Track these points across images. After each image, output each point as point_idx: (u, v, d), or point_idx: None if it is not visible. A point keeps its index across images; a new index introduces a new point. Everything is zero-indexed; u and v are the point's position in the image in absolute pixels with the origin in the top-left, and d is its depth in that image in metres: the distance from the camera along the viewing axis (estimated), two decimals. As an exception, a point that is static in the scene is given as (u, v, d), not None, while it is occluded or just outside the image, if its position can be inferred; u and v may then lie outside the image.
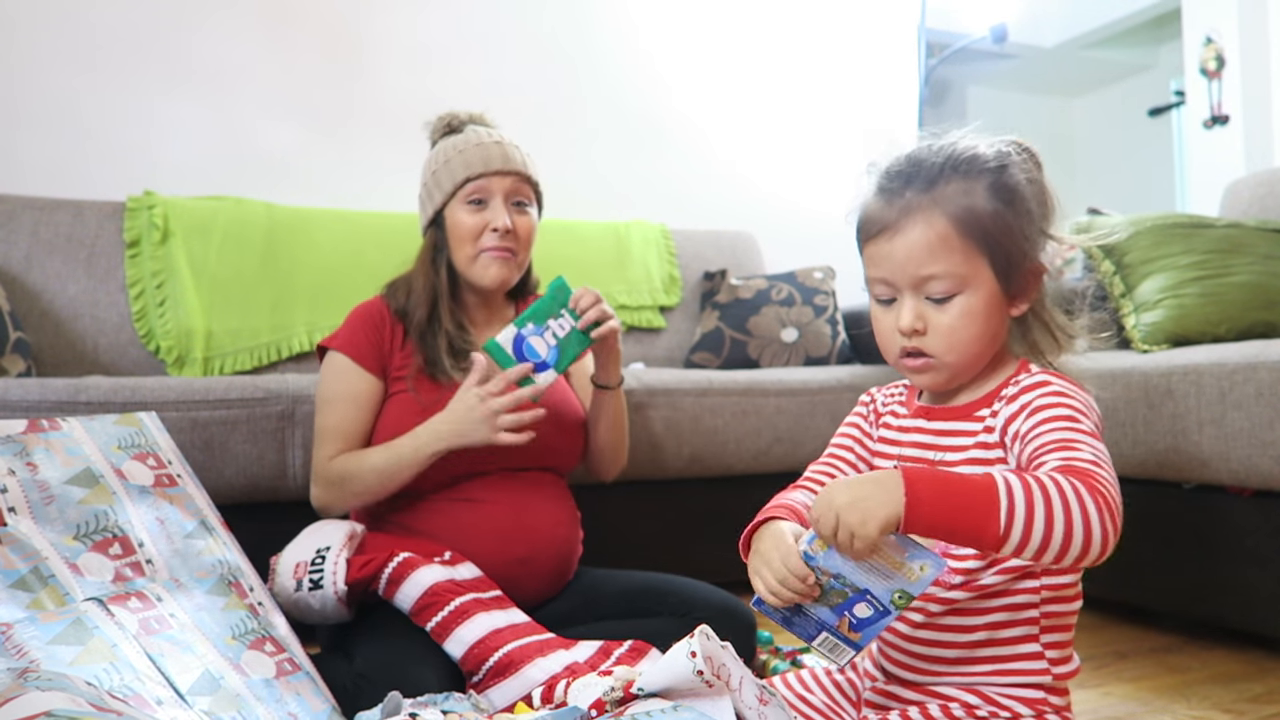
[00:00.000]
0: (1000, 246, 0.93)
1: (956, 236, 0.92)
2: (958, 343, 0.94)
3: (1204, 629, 1.85)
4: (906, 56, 3.65)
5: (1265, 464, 1.57)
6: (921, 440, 1.01)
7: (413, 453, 1.42)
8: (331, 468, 1.47)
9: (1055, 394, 0.91)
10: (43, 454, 1.10)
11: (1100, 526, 0.78)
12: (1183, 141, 5.14)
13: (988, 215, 0.92)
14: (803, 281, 2.64)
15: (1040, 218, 0.96)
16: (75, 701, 0.66)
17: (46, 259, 2.15)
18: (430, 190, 1.57)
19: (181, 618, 1.06)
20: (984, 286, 0.93)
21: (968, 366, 0.97)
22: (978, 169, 0.94)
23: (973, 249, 0.92)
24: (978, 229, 0.92)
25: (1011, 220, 0.93)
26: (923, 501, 0.78)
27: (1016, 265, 0.94)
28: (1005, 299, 0.95)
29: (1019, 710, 0.94)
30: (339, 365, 1.51)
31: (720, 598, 1.48)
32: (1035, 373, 0.96)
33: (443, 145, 1.58)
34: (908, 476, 0.79)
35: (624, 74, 3.14)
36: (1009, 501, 0.78)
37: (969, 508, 0.78)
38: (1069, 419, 0.88)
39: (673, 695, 0.88)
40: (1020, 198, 0.94)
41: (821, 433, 2.19)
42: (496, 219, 1.52)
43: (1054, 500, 0.78)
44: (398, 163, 2.65)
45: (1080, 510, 0.78)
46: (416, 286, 1.55)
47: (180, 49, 2.55)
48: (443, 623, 1.31)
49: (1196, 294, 1.91)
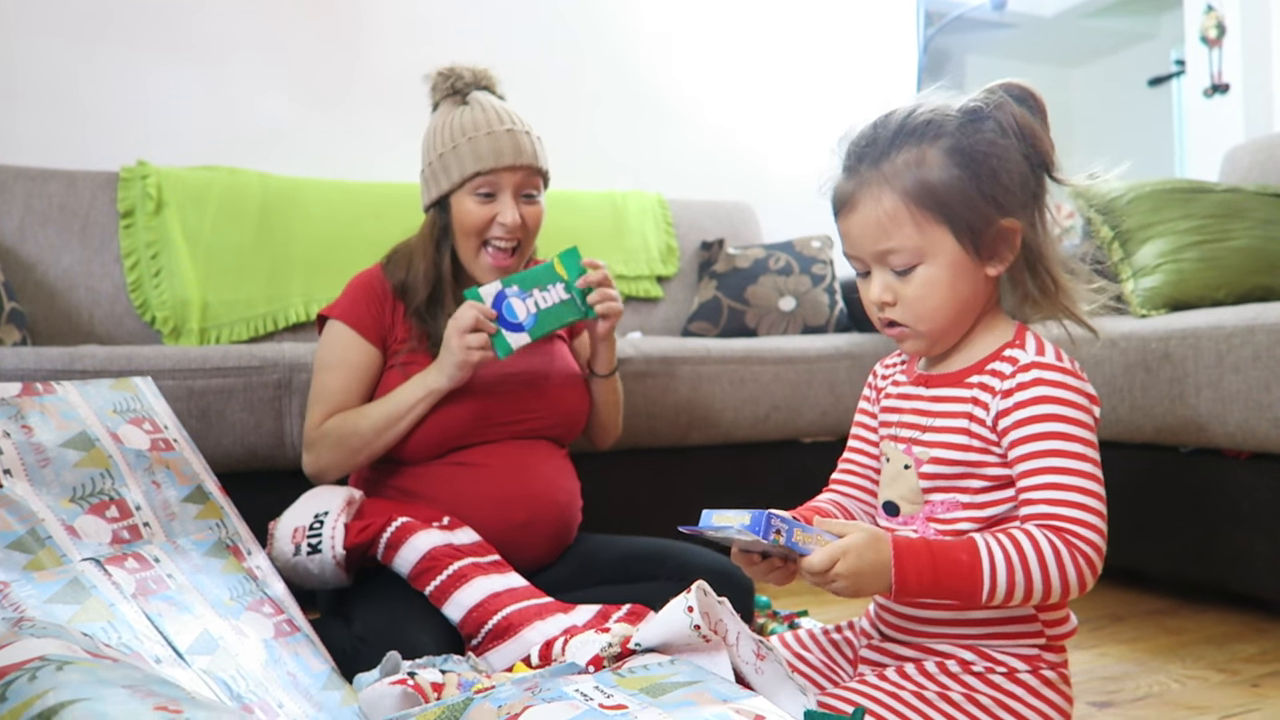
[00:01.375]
0: (957, 213, 0.92)
1: (906, 209, 0.92)
2: (926, 312, 0.95)
3: (1199, 591, 1.86)
4: (905, 25, 3.62)
5: (1262, 427, 1.57)
6: (919, 407, 1.01)
7: (407, 395, 1.43)
8: (325, 428, 1.47)
9: (1046, 398, 0.90)
10: (38, 417, 1.09)
11: (1078, 582, 0.86)
12: (1182, 111, 5.11)
13: (940, 183, 0.91)
14: (800, 251, 2.63)
15: (1013, 172, 0.92)
16: (69, 648, 0.66)
17: (40, 230, 2.14)
18: (436, 173, 1.51)
19: (179, 579, 1.06)
20: (945, 254, 0.93)
21: (945, 331, 0.97)
22: (933, 134, 0.92)
23: (927, 219, 0.92)
24: (930, 199, 0.91)
25: (969, 184, 0.91)
26: (909, 585, 0.87)
27: (979, 228, 0.92)
28: (976, 262, 0.94)
29: (1014, 665, 0.94)
30: (339, 334, 1.50)
31: (718, 561, 1.48)
32: (1029, 353, 0.94)
33: (450, 122, 1.50)
34: (897, 565, 0.86)
35: (621, 43, 3.12)
36: (990, 581, 0.86)
37: (953, 589, 0.88)
38: (1059, 435, 0.89)
39: (670, 650, 0.88)
40: (981, 158, 0.91)
41: (818, 401, 2.19)
42: (505, 214, 1.47)
43: (1033, 570, 0.86)
44: (394, 133, 2.64)
45: (1059, 574, 0.86)
46: (417, 266, 1.52)
47: (174, 18, 2.52)
48: (441, 587, 1.31)
49: (1195, 259, 1.91)
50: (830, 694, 0.95)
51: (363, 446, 1.45)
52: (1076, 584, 0.86)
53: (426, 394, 1.42)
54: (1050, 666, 0.95)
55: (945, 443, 0.97)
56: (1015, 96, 0.95)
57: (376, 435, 1.44)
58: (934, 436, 0.98)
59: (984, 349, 0.97)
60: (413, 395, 1.43)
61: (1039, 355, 0.93)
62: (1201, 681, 1.38)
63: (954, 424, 0.96)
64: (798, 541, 0.87)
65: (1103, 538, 0.87)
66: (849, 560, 0.86)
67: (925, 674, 0.95)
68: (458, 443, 1.47)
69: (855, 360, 2.25)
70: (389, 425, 1.43)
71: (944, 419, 0.97)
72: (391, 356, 1.51)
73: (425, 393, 1.42)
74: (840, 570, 0.86)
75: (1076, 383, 0.92)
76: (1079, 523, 0.87)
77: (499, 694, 0.76)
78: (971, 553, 0.87)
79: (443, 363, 1.42)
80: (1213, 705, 1.28)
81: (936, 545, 0.89)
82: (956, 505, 0.96)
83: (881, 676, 0.96)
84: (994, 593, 0.86)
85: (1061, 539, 0.86)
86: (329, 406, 1.48)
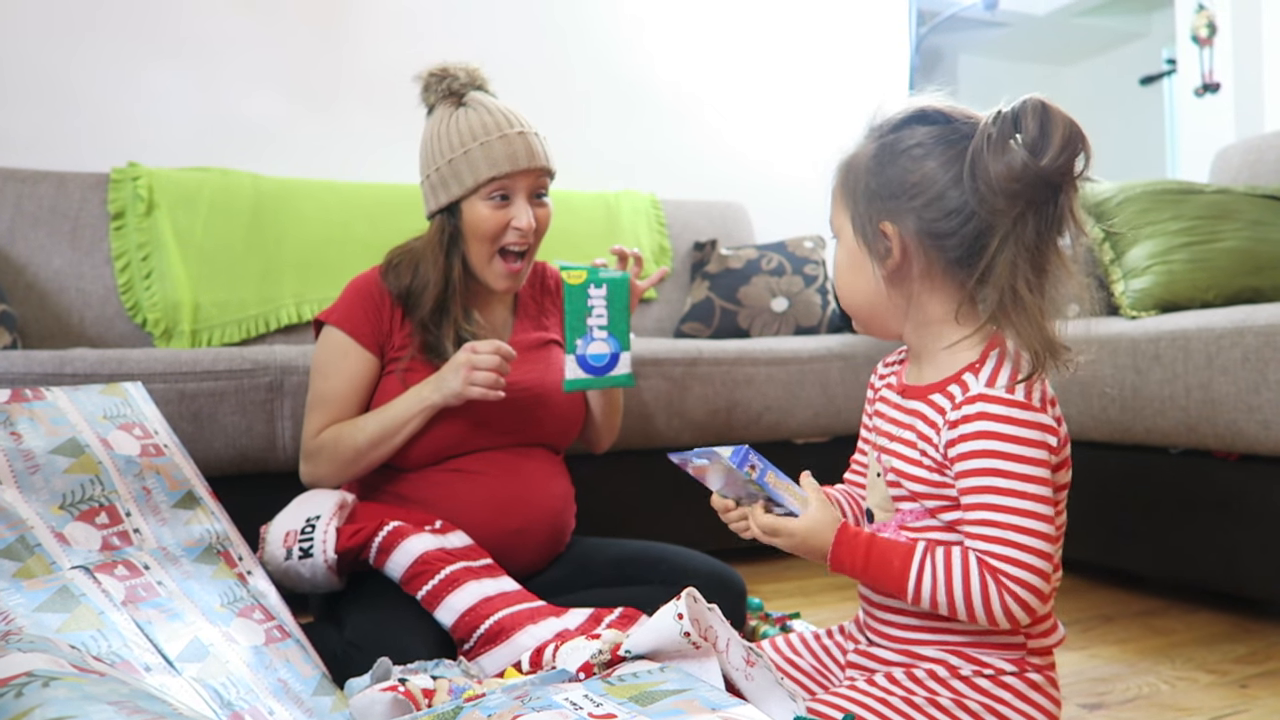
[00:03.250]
0: (855, 205, 0.98)
1: (837, 189, 1.01)
2: (839, 289, 1.03)
3: (1189, 592, 1.87)
4: (898, 25, 3.62)
5: (1251, 428, 1.58)
6: (894, 416, 1.02)
7: (403, 409, 1.42)
8: (322, 437, 1.46)
9: (986, 434, 0.89)
10: (27, 424, 1.09)
11: (1005, 615, 0.89)
12: (1174, 110, 5.12)
13: (853, 172, 0.98)
14: (793, 251, 2.63)
15: (924, 183, 0.92)
16: (57, 663, 0.66)
17: (30, 231, 2.13)
18: (445, 178, 1.46)
19: (169, 586, 1.06)
20: (846, 241, 1.00)
21: (867, 320, 1.02)
22: (879, 129, 0.98)
23: (840, 203, 1.01)
24: (845, 182, 0.99)
25: (870, 180, 0.96)
26: (842, 573, 0.96)
27: (864, 225, 0.97)
28: (866, 256, 0.97)
29: (1001, 666, 0.95)
30: (336, 341, 1.48)
31: (711, 565, 1.49)
32: (979, 382, 0.92)
33: (454, 126, 1.46)
34: (833, 557, 0.95)
35: (614, 43, 3.12)
36: (914, 592, 0.92)
37: (879, 588, 0.97)
38: (996, 473, 0.89)
39: (660, 657, 0.88)
40: (892, 159, 0.94)
41: (811, 402, 2.19)
42: (520, 218, 1.45)
43: (957, 597, 0.90)
44: (385, 134, 2.63)
45: (984, 606, 0.89)
46: (426, 275, 1.48)
47: (164, 18, 2.51)
48: (433, 591, 1.31)
49: (1185, 260, 1.91)
50: (820, 700, 0.96)
51: (358, 459, 1.44)
52: (1003, 617, 0.89)
53: (422, 410, 1.42)
54: (1037, 669, 0.96)
55: (903, 455, 0.97)
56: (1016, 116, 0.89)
57: (372, 447, 1.43)
58: (896, 447, 0.99)
59: (952, 366, 0.96)
60: (408, 410, 1.42)
61: (988, 386, 0.91)
62: (1191, 683, 1.38)
63: (909, 437, 0.97)
64: (769, 482, 0.96)
65: (1037, 574, 0.87)
66: (792, 541, 0.97)
67: (914, 679, 0.95)
68: (454, 450, 1.46)
69: (847, 361, 2.25)
70: (385, 439, 1.43)
71: (906, 431, 0.98)
72: (391, 363, 1.49)
73: (421, 408, 1.42)
74: (781, 544, 0.98)
75: (1024, 414, 0.89)
76: (1010, 561, 0.88)
77: (489, 702, 0.76)
78: (904, 561, 0.93)
79: (444, 384, 1.40)
80: (1202, 706, 1.29)
81: (877, 546, 0.95)
82: (925, 514, 0.97)
83: (871, 682, 0.97)
84: (917, 600, 0.92)
85: (994, 578, 0.88)
86: (326, 414, 1.47)
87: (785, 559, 2.21)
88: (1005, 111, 0.90)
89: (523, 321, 1.61)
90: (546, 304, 1.65)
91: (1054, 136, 0.86)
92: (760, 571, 2.10)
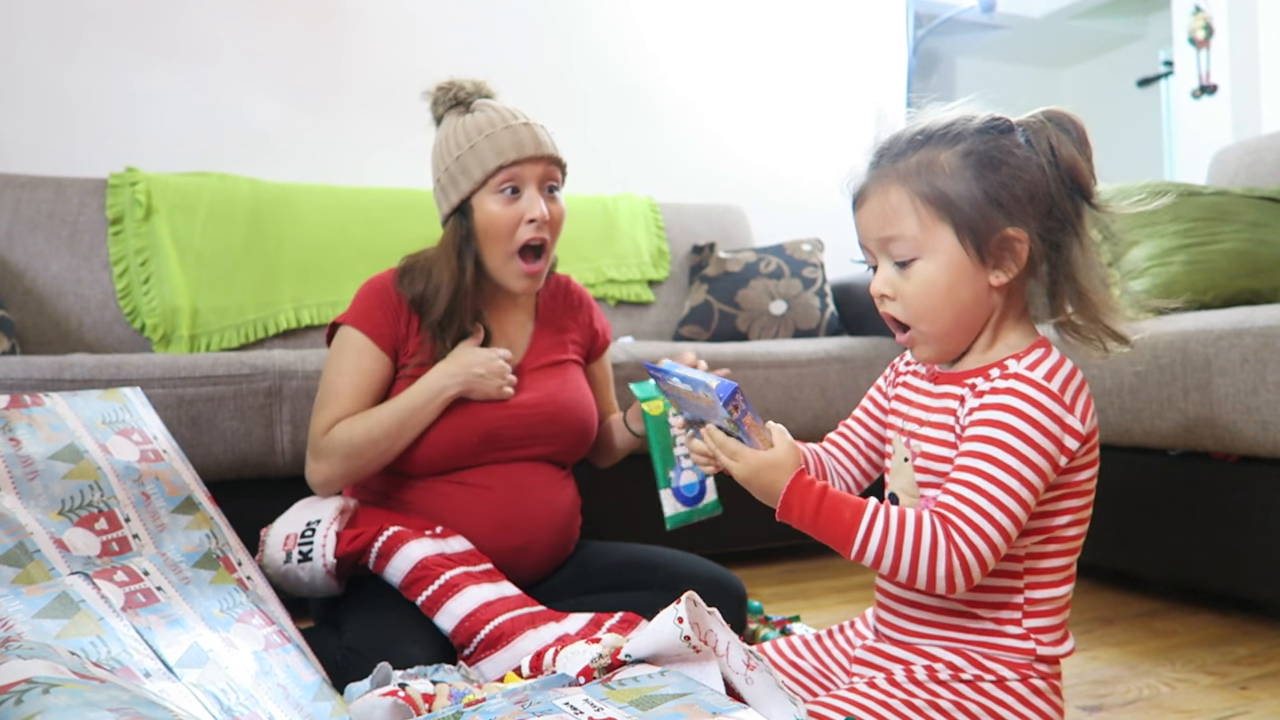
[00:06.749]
0: (961, 211, 0.92)
1: (910, 201, 0.94)
2: (925, 311, 0.95)
3: (1189, 593, 1.87)
4: (895, 27, 3.63)
5: (1250, 429, 1.58)
6: (923, 402, 1.01)
7: (423, 396, 1.41)
8: (332, 433, 1.41)
9: (1008, 407, 0.90)
10: (25, 429, 1.09)
11: (946, 576, 0.88)
12: (1171, 112, 5.13)
13: (947, 181, 0.92)
14: (791, 254, 2.63)
15: (1030, 185, 0.93)
16: (57, 669, 0.66)
17: (28, 237, 2.13)
18: (454, 177, 1.45)
19: (169, 591, 1.05)
20: (945, 253, 0.93)
21: (947, 335, 0.96)
22: (951, 137, 0.94)
23: (931, 215, 0.93)
24: (935, 195, 0.93)
25: (976, 186, 0.92)
26: (790, 517, 0.94)
27: (981, 232, 0.92)
28: (977, 267, 0.93)
29: (1004, 673, 0.94)
30: (352, 339, 1.46)
31: (710, 569, 1.49)
32: (1021, 365, 0.93)
33: (461, 126, 1.46)
34: (785, 497, 0.93)
35: (612, 46, 3.12)
36: (862, 544, 0.90)
37: (828, 537, 0.93)
38: (997, 443, 0.89)
39: (660, 661, 0.88)
40: (993, 164, 0.92)
41: (810, 405, 2.19)
42: (532, 209, 1.43)
43: (905, 550, 0.88)
44: (384, 138, 2.64)
45: (929, 562, 0.88)
46: (438, 280, 1.45)
47: (162, 23, 2.52)
48: (433, 596, 1.31)
49: (1183, 261, 1.92)
50: (820, 702, 0.95)
51: (365, 448, 1.40)
52: (944, 578, 0.88)
53: (441, 401, 1.42)
54: (1041, 676, 0.95)
55: (934, 438, 0.97)
56: (1055, 122, 0.95)
57: (386, 437, 1.40)
58: (928, 431, 0.98)
59: (994, 356, 0.97)
60: (432, 394, 1.42)
61: (1030, 370, 0.92)
62: (1191, 685, 1.38)
63: (942, 420, 0.97)
64: (745, 424, 0.94)
65: (991, 549, 0.87)
66: (746, 470, 0.96)
67: (915, 681, 0.95)
68: (463, 462, 1.45)
69: (846, 364, 2.25)
70: (399, 428, 1.41)
71: (937, 414, 0.98)
72: (403, 368, 1.47)
73: (441, 400, 1.42)
74: (735, 470, 0.96)
75: (1052, 404, 0.90)
76: (973, 525, 0.87)
77: (489, 707, 0.76)
78: (855, 513, 0.91)
79: (459, 368, 1.42)
80: (1202, 709, 1.29)
81: (831, 496, 0.93)
82: None
83: (871, 684, 0.97)
84: (863, 554, 0.90)
85: (945, 530, 0.88)
86: (337, 411, 1.43)
87: (785, 562, 2.21)
88: (1042, 116, 0.95)
89: (542, 330, 1.58)
90: (568, 321, 1.62)
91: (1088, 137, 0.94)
92: (760, 575, 2.10)
